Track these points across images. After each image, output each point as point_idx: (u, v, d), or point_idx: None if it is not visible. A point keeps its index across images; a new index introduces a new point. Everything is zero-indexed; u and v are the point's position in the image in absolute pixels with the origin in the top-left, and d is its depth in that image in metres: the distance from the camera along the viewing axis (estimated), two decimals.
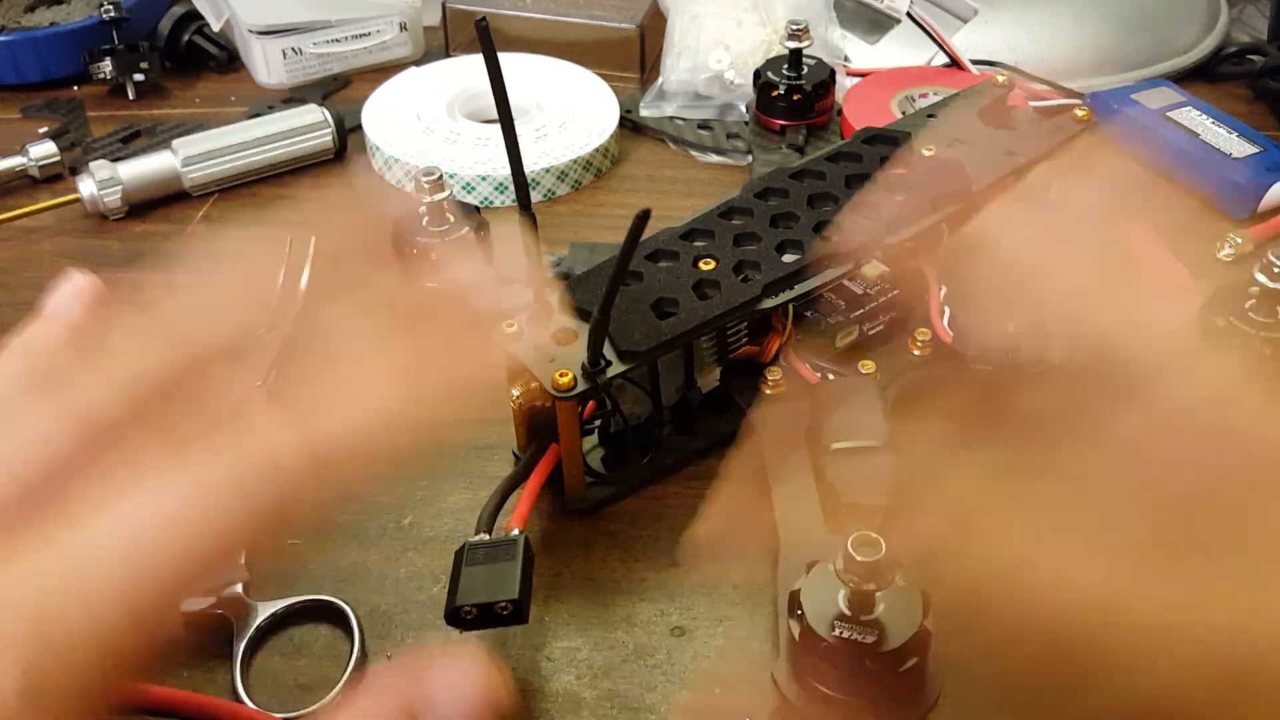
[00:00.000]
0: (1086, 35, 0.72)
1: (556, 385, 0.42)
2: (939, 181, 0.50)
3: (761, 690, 0.40)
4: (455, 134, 0.67)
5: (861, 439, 0.44)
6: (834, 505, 0.42)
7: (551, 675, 0.41)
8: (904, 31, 0.72)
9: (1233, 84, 0.75)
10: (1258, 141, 0.64)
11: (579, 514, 0.46)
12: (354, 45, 0.77)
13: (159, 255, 0.62)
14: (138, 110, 0.74)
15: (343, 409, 0.25)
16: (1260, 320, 0.47)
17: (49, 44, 0.75)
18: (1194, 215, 0.63)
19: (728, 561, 0.44)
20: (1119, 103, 0.68)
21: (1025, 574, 0.27)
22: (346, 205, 0.30)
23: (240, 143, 0.66)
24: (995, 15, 0.73)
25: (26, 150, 0.67)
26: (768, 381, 0.48)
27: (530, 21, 0.76)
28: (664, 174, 0.68)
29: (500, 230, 0.58)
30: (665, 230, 0.48)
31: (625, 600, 0.43)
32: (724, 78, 0.70)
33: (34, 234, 0.63)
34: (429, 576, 0.44)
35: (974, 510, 0.29)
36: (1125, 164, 0.36)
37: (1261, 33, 0.80)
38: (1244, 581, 0.26)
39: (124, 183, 0.63)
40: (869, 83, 0.67)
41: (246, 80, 0.78)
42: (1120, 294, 0.33)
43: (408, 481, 0.48)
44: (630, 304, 0.44)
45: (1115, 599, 0.26)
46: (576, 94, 0.70)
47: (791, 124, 0.65)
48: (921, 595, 0.37)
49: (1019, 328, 0.34)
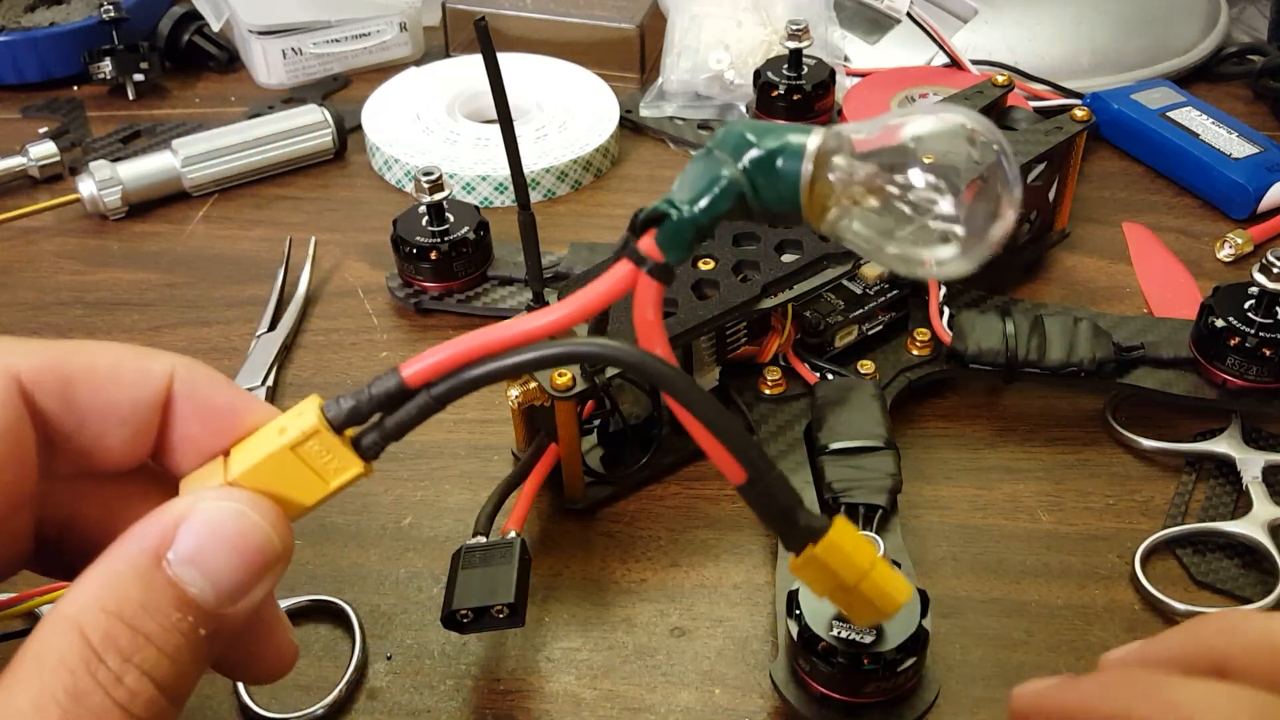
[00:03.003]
0: (1086, 35, 0.72)
1: (555, 385, 0.42)
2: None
3: (761, 690, 0.40)
4: (455, 134, 0.67)
5: (861, 439, 0.44)
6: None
7: (551, 675, 0.41)
8: (904, 31, 0.72)
9: (1233, 84, 0.75)
10: (1258, 141, 0.64)
11: (578, 514, 0.46)
12: (354, 45, 0.77)
13: (159, 255, 0.62)
14: (138, 110, 0.74)
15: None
16: (1260, 320, 0.47)
17: (49, 44, 0.75)
18: (1194, 215, 0.63)
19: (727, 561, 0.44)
20: (1119, 103, 0.68)
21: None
22: None
23: (240, 143, 0.66)
24: (995, 15, 0.73)
25: (26, 150, 0.67)
26: (767, 381, 0.48)
27: (530, 21, 0.76)
28: (664, 174, 0.68)
29: (500, 230, 0.58)
30: None
31: (625, 600, 0.43)
32: (724, 78, 0.70)
33: (34, 234, 0.63)
34: (429, 576, 0.44)
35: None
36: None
37: (1261, 33, 0.80)
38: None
39: (124, 183, 0.63)
40: (869, 83, 0.67)
41: (246, 80, 0.78)
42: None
43: (408, 482, 0.48)
44: (629, 303, 0.44)
45: None
46: (576, 94, 0.70)
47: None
48: (920, 595, 0.37)
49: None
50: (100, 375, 0.27)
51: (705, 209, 0.27)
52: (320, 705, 0.39)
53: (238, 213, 0.65)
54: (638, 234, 0.28)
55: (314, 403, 0.27)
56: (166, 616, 0.24)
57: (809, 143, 0.27)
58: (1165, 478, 0.47)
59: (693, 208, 0.27)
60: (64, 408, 0.27)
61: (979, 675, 0.40)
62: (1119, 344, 0.48)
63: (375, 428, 0.27)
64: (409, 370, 0.27)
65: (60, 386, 0.27)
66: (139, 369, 0.28)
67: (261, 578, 0.26)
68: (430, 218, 0.55)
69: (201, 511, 0.26)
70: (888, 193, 0.27)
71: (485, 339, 0.27)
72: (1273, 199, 0.62)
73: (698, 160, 0.28)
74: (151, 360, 0.28)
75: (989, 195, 0.27)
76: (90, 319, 0.57)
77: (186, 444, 0.28)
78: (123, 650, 0.24)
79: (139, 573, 0.25)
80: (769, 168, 0.27)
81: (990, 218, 0.27)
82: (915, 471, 0.47)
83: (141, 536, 0.25)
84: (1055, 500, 0.47)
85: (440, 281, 0.56)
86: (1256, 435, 0.48)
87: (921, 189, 0.27)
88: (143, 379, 0.28)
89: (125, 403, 0.27)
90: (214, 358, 0.54)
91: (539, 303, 0.45)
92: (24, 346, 0.27)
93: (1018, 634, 0.42)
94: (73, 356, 0.27)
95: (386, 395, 0.27)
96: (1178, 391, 0.48)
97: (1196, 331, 0.49)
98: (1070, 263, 0.59)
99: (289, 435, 0.27)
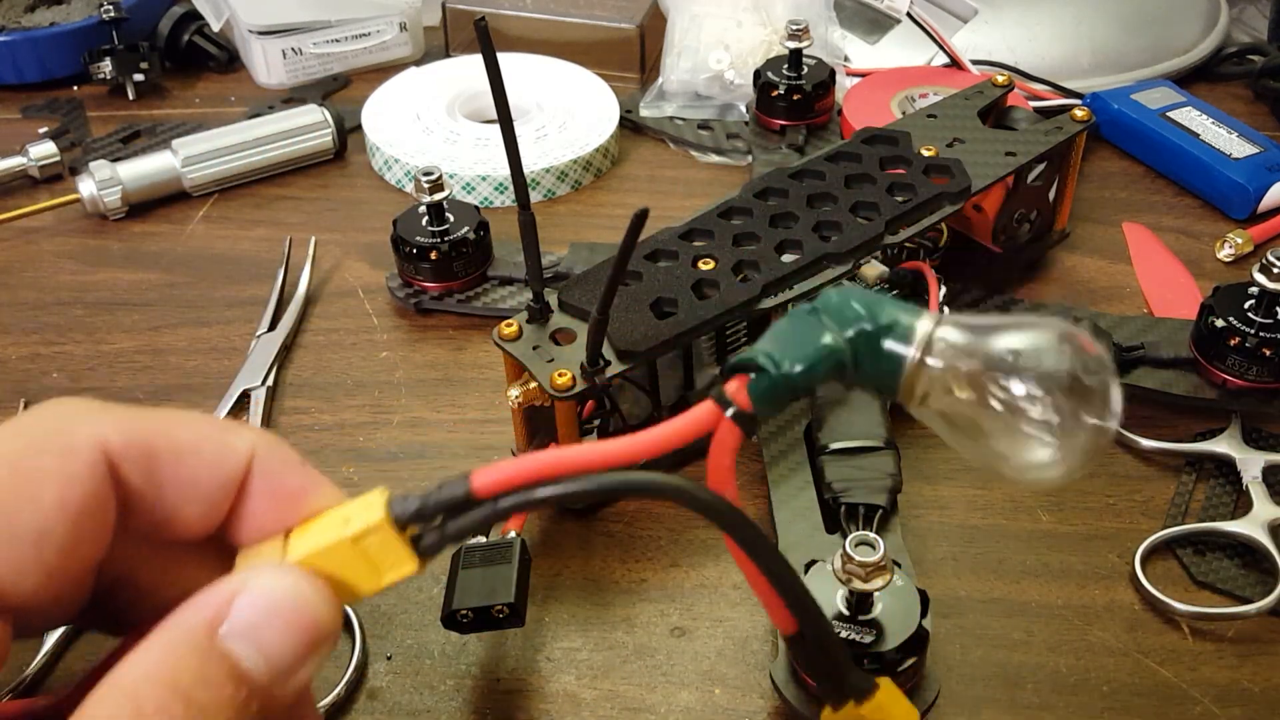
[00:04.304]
0: (1086, 35, 0.72)
1: (555, 385, 0.42)
2: (939, 181, 0.50)
3: (761, 690, 0.40)
4: (455, 134, 0.67)
5: (861, 439, 0.44)
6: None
7: (551, 675, 0.41)
8: (904, 31, 0.72)
9: (1233, 84, 0.75)
10: (1258, 141, 0.64)
11: (578, 514, 0.46)
12: (354, 45, 0.77)
13: (159, 255, 0.62)
14: (138, 110, 0.74)
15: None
16: (1260, 320, 0.47)
17: (49, 44, 0.75)
18: (1194, 215, 0.63)
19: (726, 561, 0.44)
20: (1119, 103, 0.68)
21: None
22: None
23: (240, 143, 0.66)
24: (995, 15, 0.73)
25: (26, 150, 0.67)
26: None
27: (530, 21, 0.76)
28: (664, 174, 0.68)
29: (500, 230, 0.58)
30: (665, 230, 0.48)
31: (625, 600, 0.43)
32: (724, 78, 0.70)
33: (34, 234, 0.63)
34: (429, 576, 0.44)
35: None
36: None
37: (1261, 33, 0.80)
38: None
39: (124, 183, 0.63)
40: (869, 83, 0.67)
41: (246, 80, 0.78)
42: None
43: (408, 482, 0.48)
44: (629, 304, 0.44)
45: None
46: (576, 94, 0.70)
47: (791, 124, 0.65)
48: (920, 595, 0.37)
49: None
50: (184, 451, 0.28)
51: (804, 373, 0.27)
52: (320, 705, 0.39)
53: (238, 213, 0.65)
54: (726, 377, 0.28)
55: (381, 497, 0.27)
56: (220, 689, 0.24)
57: (918, 326, 0.27)
58: (1165, 478, 0.47)
59: (792, 367, 0.27)
60: (146, 481, 0.27)
61: (979, 675, 0.40)
62: (1119, 344, 0.48)
63: (436, 529, 0.27)
64: (480, 481, 0.26)
65: (145, 461, 0.27)
66: (222, 447, 0.28)
67: (313, 655, 0.26)
68: (430, 218, 0.55)
69: (258, 586, 0.26)
70: (986, 389, 0.27)
71: (559, 461, 0.26)
72: (1273, 199, 0.62)
73: (799, 318, 0.28)
74: (235, 438, 0.28)
75: (1089, 408, 0.27)
76: (90, 319, 0.57)
77: (253, 519, 0.28)
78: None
79: (194, 644, 0.25)
80: (874, 345, 0.27)
81: (1087, 430, 0.27)
82: (915, 471, 0.47)
83: (198, 609, 0.25)
84: (1055, 500, 0.47)
85: (440, 281, 0.56)
86: (1256, 435, 0.48)
87: (1020, 394, 0.27)
88: (224, 458, 0.28)
89: (205, 481, 0.28)
90: (214, 358, 0.54)
91: (539, 302, 0.45)
92: (112, 414, 0.27)
93: (1018, 634, 0.42)
94: (159, 429, 0.28)
95: (453, 501, 0.27)
96: (1178, 391, 0.48)
97: (1196, 331, 0.49)
98: (1070, 263, 0.59)
99: (353, 527, 0.27)
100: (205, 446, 0.28)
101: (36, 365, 0.54)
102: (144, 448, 0.27)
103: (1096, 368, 0.27)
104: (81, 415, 0.27)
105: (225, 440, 0.28)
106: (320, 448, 0.50)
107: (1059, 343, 0.27)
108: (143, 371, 0.54)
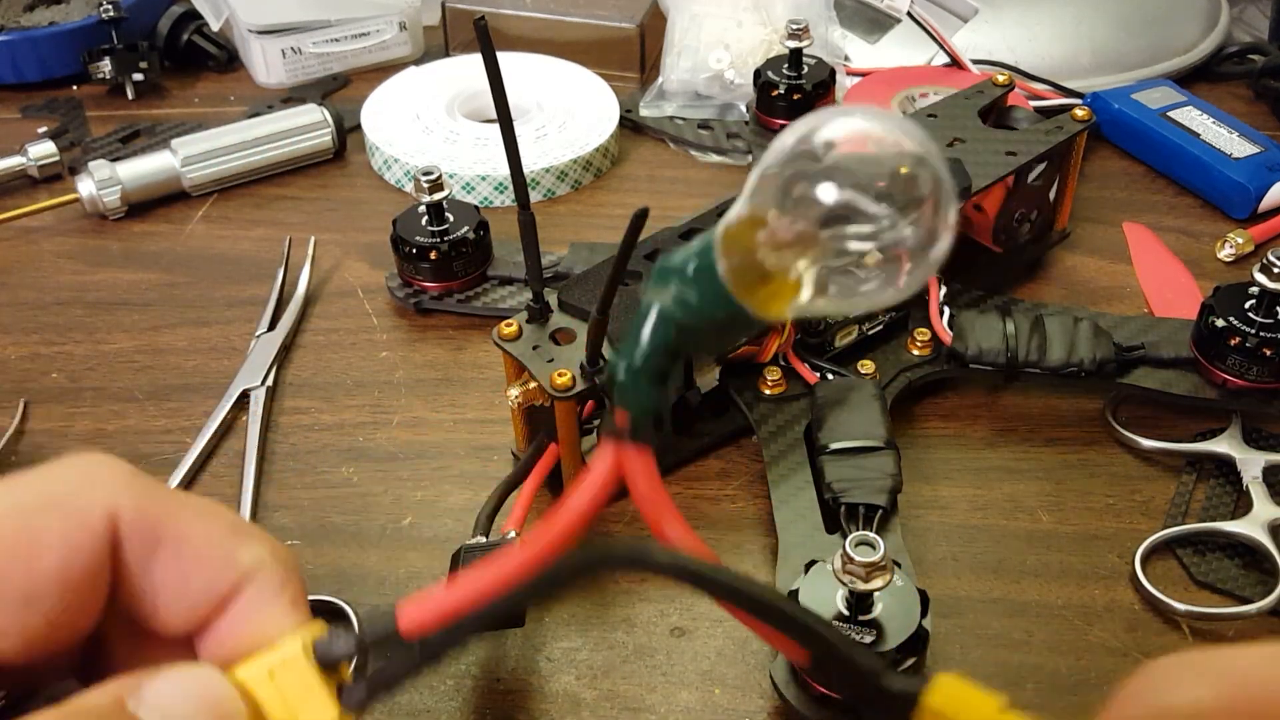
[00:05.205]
0: (1086, 35, 0.72)
1: (555, 385, 0.42)
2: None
3: (761, 690, 0.40)
4: (455, 134, 0.67)
5: (861, 439, 0.44)
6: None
7: (551, 675, 0.41)
8: (904, 31, 0.72)
9: (1233, 84, 0.75)
10: (1258, 141, 0.64)
11: None
12: (353, 45, 0.77)
13: (158, 255, 0.62)
14: (137, 110, 0.74)
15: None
16: (1261, 320, 0.47)
17: (48, 44, 0.75)
18: (1194, 215, 0.63)
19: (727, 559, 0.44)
20: (1119, 103, 0.68)
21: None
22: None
23: (240, 142, 0.66)
24: (995, 15, 0.73)
25: (26, 150, 0.66)
26: (767, 381, 0.48)
27: (530, 21, 0.76)
28: (664, 174, 0.68)
29: (500, 230, 0.58)
30: (664, 230, 0.48)
31: (625, 600, 0.43)
32: (724, 77, 0.70)
33: (33, 234, 0.63)
34: (429, 577, 0.44)
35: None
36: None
37: (1262, 33, 0.80)
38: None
39: (123, 182, 0.63)
40: (869, 82, 0.67)
41: (246, 80, 0.77)
42: None
43: (408, 482, 0.48)
44: (629, 303, 0.44)
45: None
46: (576, 94, 0.70)
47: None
48: (920, 595, 0.37)
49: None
50: (187, 548, 0.27)
51: (645, 350, 0.26)
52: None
53: (237, 213, 0.65)
54: (612, 409, 0.26)
55: (310, 632, 0.26)
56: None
57: (715, 235, 0.26)
58: (1165, 478, 0.47)
59: (634, 354, 0.26)
60: (140, 567, 0.26)
61: (979, 675, 0.40)
62: (1119, 344, 0.48)
63: (364, 681, 0.26)
64: (407, 621, 0.25)
65: (147, 546, 0.26)
66: (225, 557, 0.27)
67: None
68: (430, 217, 0.55)
69: (174, 669, 0.25)
70: (820, 241, 0.25)
71: (487, 583, 0.25)
72: (1273, 199, 0.62)
73: (638, 309, 0.27)
74: (242, 551, 0.27)
75: (929, 213, 0.25)
76: (90, 319, 0.57)
77: (216, 635, 0.27)
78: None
79: (99, 712, 0.24)
80: (684, 276, 0.26)
81: (929, 236, 0.25)
82: (915, 471, 0.47)
83: (108, 685, 0.25)
84: (1055, 500, 0.47)
85: (440, 281, 0.56)
86: (1257, 435, 0.48)
87: (854, 227, 0.25)
88: (222, 571, 0.27)
89: (194, 589, 0.27)
90: (213, 357, 0.54)
91: (539, 302, 0.45)
92: (131, 485, 0.26)
93: (1018, 634, 0.42)
94: (171, 514, 0.27)
95: (381, 637, 0.25)
96: (1178, 391, 0.48)
97: (1197, 331, 0.49)
98: (1070, 262, 0.59)
99: (272, 657, 0.26)
100: (208, 552, 0.27)
101: (36, 365, 0.54)
102: (151, 532, 0.26)
103: (927, 165, 0.25)
104: (102, 480, 0.26)
105: (230, 550, 0.27)
106: (320, 448, 0.50)
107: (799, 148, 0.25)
108: (142, 371, 0.54)
